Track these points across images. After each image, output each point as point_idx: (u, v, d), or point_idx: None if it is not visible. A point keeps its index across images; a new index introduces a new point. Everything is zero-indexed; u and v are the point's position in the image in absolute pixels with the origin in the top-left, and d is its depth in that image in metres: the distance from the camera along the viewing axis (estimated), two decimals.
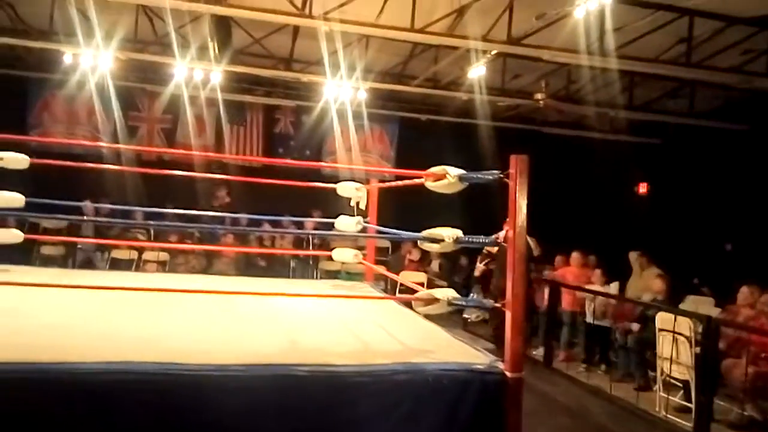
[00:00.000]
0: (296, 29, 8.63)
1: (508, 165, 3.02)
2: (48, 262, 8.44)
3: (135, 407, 2.50)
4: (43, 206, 5.06)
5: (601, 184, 11.80)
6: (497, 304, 2.99)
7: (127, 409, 2.50)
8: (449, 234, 3.27)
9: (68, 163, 5.81)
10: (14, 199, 4.94)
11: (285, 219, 8.15)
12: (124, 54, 8.74)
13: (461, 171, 3.33)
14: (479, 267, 8.12)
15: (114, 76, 9.40)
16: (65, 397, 2.40)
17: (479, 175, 3.20)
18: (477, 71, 8.49)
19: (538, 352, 7.65)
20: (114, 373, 2.49)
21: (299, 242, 9.89)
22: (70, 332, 3.09)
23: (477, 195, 3.86)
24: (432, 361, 2.92)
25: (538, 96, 9.70)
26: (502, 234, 7.22)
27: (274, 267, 9.48)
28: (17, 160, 4.94)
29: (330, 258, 6.97)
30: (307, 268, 9.81)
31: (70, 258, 9.04)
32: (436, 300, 3.19)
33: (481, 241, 3.38)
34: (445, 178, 3.32)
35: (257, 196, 8.85)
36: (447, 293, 3.20)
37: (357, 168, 9.18)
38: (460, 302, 3.20)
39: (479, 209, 7.42)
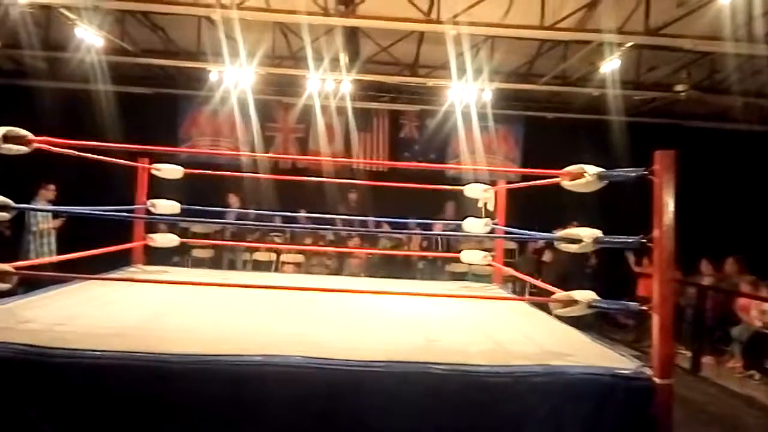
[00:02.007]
0: (421, 35, 8.76)
1: (646, 161, 2.89)
2: (198, 264, 9.16)
3: (284, 397, 2.66)
4: (194, 212, 5.57)
5: (749, 181, 10.82)
6: (644, 307, 2.86)
7: (277, 398, 2.66)
8: (588, 234, 3.17)
9: (214, 172, 6.35)
10: (173, 206, 5.48)
11: (412, 221, 8.31)
12: (262, 69, 9.33)
13: (599, 169, 3.22)
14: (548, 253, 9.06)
15: (253, 90, 10.04)
16: (231, 385, 2.62)
17: (620, 173, 3.07)
18: (610, 65, 8.13)
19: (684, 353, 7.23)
20: (268, 365, 2.68)
21: (425, 244, 10.01)
22: (226, 327, 3.37)
23: (605, 195, 3.70)
24: (573, 364, 2.85)
25: (680, 87, 9.11)
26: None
27: (402, 268, 9.64)
28: (173, 171, 5.48)
29: (458, 260, 7.00)
30: (434, 270, 9.87)
31: (218, 260, 9.73)
32: (575, 302, 3.11)
33: (621, 240, 3.23)
34: (583, 177, 3.23)
35: (385, 200, 9.08)
36: (586, 295, 3.11)
37: (488, 169, 9.16)
38: (601, 305, 3.09)
39: (608, 209, 7.12)
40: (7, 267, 3.14)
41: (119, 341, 2.81)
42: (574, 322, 3.64)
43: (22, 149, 3.27)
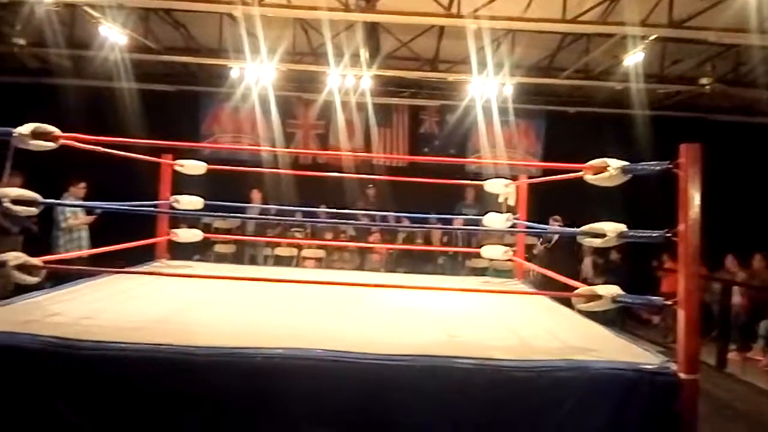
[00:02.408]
0: (441, 30, 8.73)
1: (670, 156, 2.85)
2: (220, 259, 9.23)
3: (307, 390, 2.67)
4: (216, 207, 5.63)
5: None
6: (668, 302, 2.82)
7: (299, 392, 2.67)
8: (612, 228, 3.14)
9: (237, 168, 6.40)
10: (196, 202, 5.54)
11: (432, 216, 8.31)
12: (283, 65, 9.38)
13: (623, 162, 3.19)
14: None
15: (274, 87, 10.10)
16: (254, 378, 2.64)
17: (644, 167, 3.04)
18: (634, 58, 8.02)
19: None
20: (290, 359, 2.69)
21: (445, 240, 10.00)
22: (249, 321, 3.40)
23: (629, 189, 3.65)
24: (596, 359, 2.83)
25: (704, 81, 8.96)
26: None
27: (423, 264, 9.64)
28: (196, 167, 5.54)
29: (478, 255, 6.97)
30: (455, 265, 9.86)
31: (240, 256, 9.79)
32: (598, 297, 3.08)
33: (646, 235, 3.18)
34: (606, 171, 3.20)
35: (405, 196, 9.08)
36: (610, 290, 3.08)
37: (508, 163, 9.11)
38: (625, 300, 3.06)
39: (631, 203, 7.05)
40: (35, 261, 3.20)
41: (144, 334, 2.85)
42: (597, 317, 3.61)
43: (50, 145, 3.33)
